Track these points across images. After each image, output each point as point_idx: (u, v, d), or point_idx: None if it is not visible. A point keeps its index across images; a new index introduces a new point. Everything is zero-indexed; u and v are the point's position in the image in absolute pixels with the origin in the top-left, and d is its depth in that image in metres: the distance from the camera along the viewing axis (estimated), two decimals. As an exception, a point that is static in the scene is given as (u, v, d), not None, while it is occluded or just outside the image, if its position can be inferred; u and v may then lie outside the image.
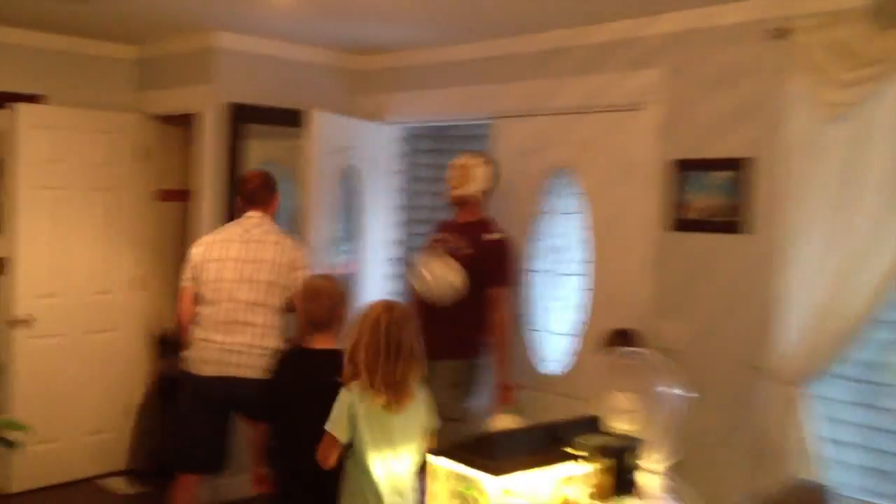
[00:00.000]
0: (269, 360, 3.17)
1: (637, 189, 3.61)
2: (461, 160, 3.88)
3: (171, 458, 3.76)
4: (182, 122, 4.71)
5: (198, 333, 3.51)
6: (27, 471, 4.34)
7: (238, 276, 3.48)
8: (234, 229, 3.62)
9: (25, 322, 4.33)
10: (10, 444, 3.38)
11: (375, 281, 4.80)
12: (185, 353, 3.54)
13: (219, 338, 3.44)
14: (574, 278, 3.97)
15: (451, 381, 3.79)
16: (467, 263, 3.76)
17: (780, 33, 3.05)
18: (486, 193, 3.89)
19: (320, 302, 2.91)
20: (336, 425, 2.51)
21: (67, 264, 4.53)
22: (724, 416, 3.27)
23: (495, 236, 3.83)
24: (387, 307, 2.60)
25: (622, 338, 3.30)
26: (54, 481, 4.48)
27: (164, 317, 4.77)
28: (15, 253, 4.32)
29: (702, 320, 3.39)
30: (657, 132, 3.53)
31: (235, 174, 4.37)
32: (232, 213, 4.35)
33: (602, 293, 3.78)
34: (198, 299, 3.53)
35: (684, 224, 3.45)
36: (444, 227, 4.02)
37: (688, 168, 3.44)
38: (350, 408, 2.51)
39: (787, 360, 3.04)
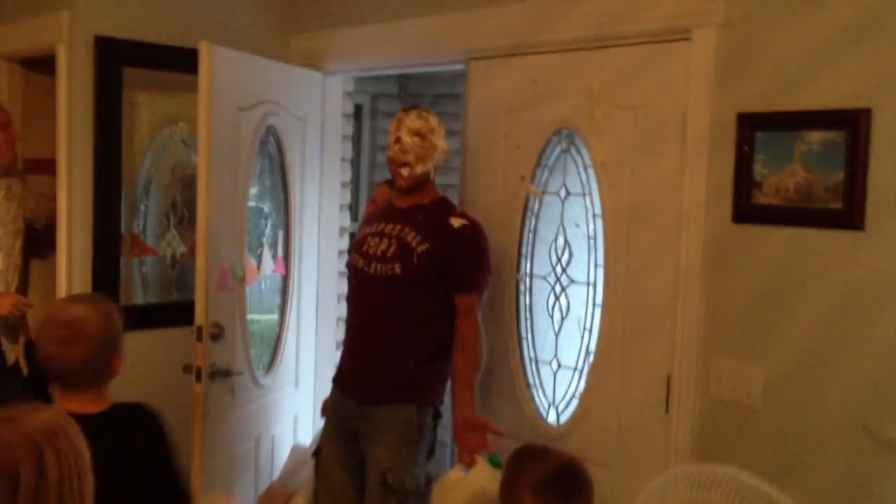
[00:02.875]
0: None
1: (678, 159, 2.40)
2: (414, 122, 2.63)
3: None
4: (53, 69, 3.46)
5: None
6: None
7: None
8: None
9: None
10: None
11: (315, 285, 3.60)
12: None
13: None
14: (582, 288, 2.77)
15: (401, 437, 2.61)
16: (423, 263, 2.58)
17: None
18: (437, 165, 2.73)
19: (77, 345, 1.86)
20: None
21: None
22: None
23: (463, 222, 2.64)
24: (48, 434, 1.33)
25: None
26: None
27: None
28: None
29: (787, 360, 2.18)
30: (711, 72, 2.31)
31: (109, 136, 3.14)
32: (101, 190, 3.15)
33: (621, 312, 2.58)
34: None
35: (755, 212, 2.24)
36: (379, 215, 2.81)
37: (761, 126, 2.22)
38: None
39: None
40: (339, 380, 2.79)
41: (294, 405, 3.52)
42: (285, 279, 3.47)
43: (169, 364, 3.14)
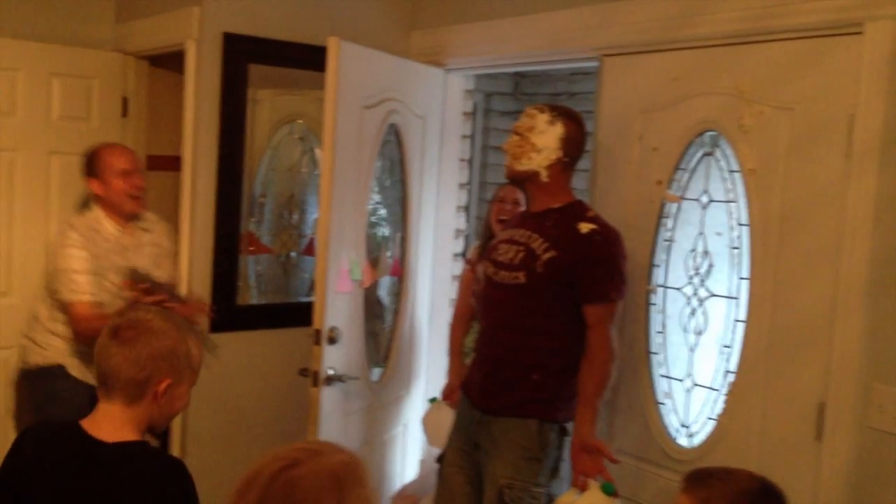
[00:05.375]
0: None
1: (842, 165, 2.19)
2: (521, 119, 2.57)
3: None
4: (178, 65, 3.49)
5: None
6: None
7: None
8: None
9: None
10: None
11: (429, 290, 3.50)
12: None
13: None
14: (722, 302, 2.58)
15: (522, 452, 2.49)
16: (549, 271, 2.45)
17: None
18: (565, 165, 2.55)
19: (126, 342, 1.62)
20: None
21: (20, 254, 3.38)
22: None
23: (592, 227, 2.48)
24: (352, 476, 1.23)
25: None
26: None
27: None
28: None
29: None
30: (886, 70, 2.09)
31: (233, 132, 3.13)
32: (223, 187, 3.13)
33: (768, 330, 2.37)
34: None
35: (933, 226, 2.03)
36: (515, 221, 2.71)
37: (944, 130, 2.01)
38: None
39: None
40: (465, 387, 2.70)
41: (405, 412, 3.43)
42: (400, 282, 3.40)
43: (281, 365, 3.11)
